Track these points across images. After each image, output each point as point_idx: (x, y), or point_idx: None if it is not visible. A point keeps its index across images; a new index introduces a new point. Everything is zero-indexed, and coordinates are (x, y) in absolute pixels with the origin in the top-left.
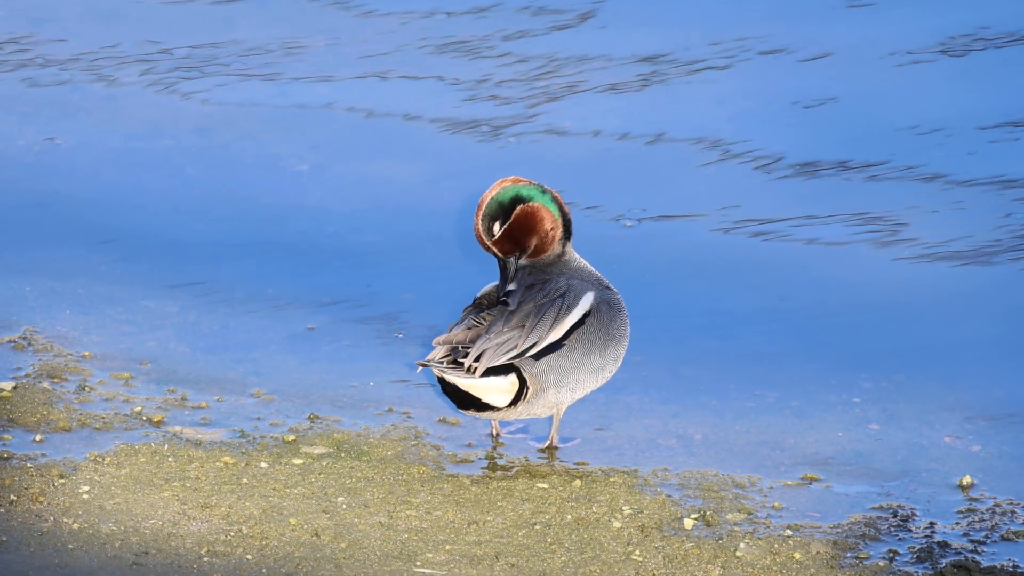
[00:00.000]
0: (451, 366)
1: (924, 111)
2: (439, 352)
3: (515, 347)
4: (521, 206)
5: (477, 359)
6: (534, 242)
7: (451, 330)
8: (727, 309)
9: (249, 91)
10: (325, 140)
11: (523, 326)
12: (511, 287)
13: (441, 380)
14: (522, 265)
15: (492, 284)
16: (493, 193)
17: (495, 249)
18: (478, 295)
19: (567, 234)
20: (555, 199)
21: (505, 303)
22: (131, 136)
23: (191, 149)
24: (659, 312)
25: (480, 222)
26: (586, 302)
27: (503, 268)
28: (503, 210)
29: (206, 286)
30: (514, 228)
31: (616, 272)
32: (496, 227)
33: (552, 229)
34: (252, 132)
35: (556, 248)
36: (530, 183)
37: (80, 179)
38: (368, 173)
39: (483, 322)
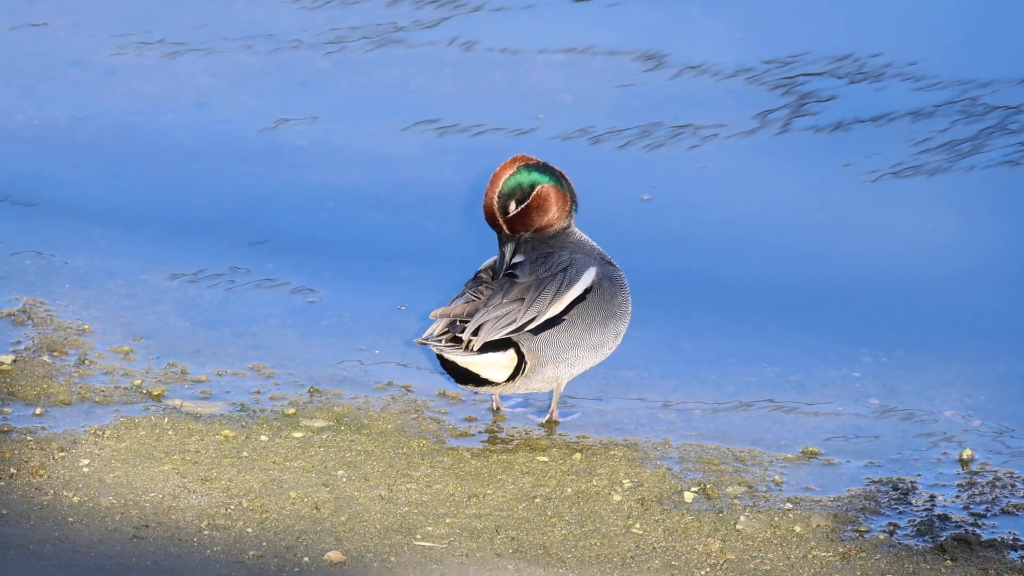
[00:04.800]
0: (449, 343)
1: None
2: (438, 327)
3: (514, 321)
4: (540, 188)
5: (475, 332)
6: (542, 223)
7: (451, 303)
8: (728, 283)
9: (247, 64)
10: (325, 113)
11: (522, 299)
12: (519, 259)
13: (440, 356)
14: (525, 239)
15: (494, 258)
16: (510, 172)
17: (505, 227)
18: (480, 268)
19: (574, 207)
20: (562, 178)
21: (511, 276)
22: (130, 111)
23: (190, 123)
24: (659, 286)
25: (496, 199)
26: (588, 277)
27: (504, 244)
28: (522, 192)
29: (206, 260)
30: (531, 209)
31: (620, 246)
32: (512, 206)
33: (560, 209)
34: (252, 106)
35: (562, 223)
36: (539, 163)
37: (79, 153)
38: (369, 146)
39: (482, 295)
